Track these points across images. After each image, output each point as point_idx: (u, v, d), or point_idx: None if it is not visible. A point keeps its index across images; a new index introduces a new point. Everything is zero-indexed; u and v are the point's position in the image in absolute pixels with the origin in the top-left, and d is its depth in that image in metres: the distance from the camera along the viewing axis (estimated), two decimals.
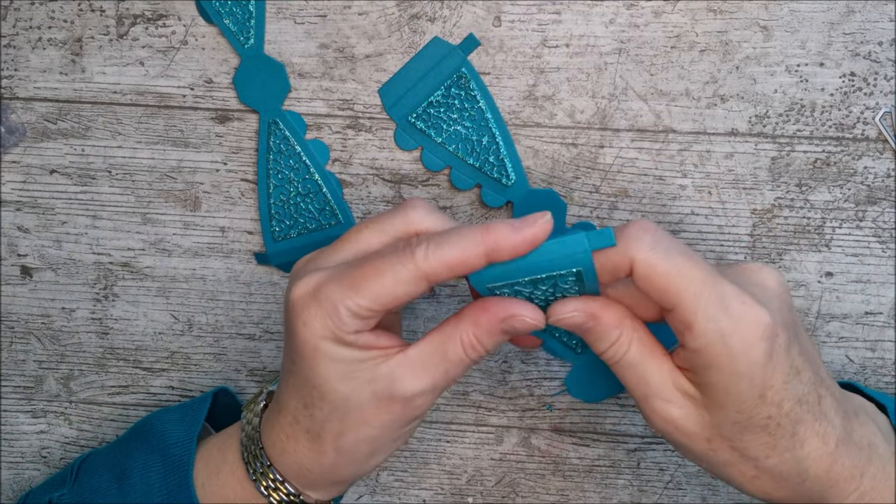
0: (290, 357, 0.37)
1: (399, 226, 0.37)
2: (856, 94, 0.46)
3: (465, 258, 0.34)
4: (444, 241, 0.34)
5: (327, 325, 0.35)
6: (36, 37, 0.47)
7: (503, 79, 0.46)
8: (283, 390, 0.38)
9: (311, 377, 0.36)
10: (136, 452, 0.43)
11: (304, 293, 0.36)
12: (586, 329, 0.36)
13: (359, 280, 0.34)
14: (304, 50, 0.47)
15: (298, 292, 0.36)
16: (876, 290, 0.47)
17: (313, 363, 0.36)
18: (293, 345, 0.36)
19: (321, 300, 0.35)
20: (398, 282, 0.34)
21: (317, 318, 0.35)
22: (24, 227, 0.49)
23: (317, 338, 0.35)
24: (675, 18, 0.46)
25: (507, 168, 0.46)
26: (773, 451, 0.35)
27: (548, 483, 0.50)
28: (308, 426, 0.37)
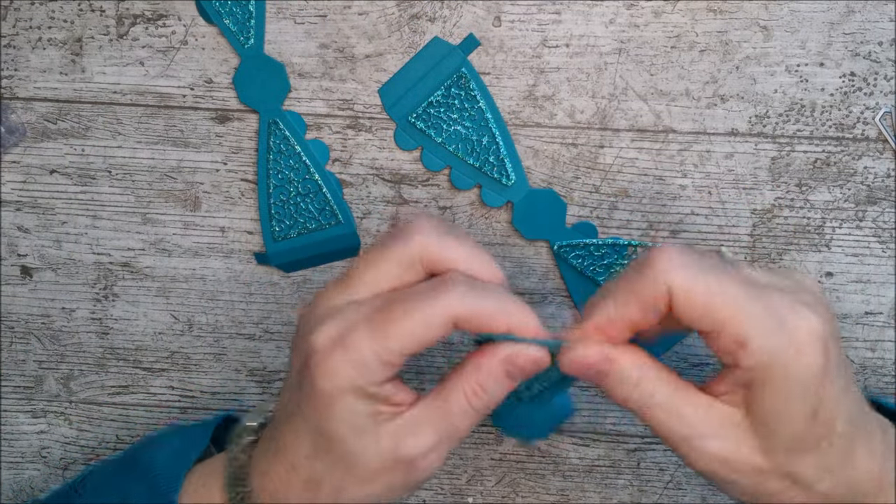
0: (300, 401, 0.35)
1: (414, 252, 0.34)
2: (856, 94, 0.46)
3: (494, 317, 0.33)
4: (483, 294, 0.33)
5: (352, 376, 0.33)
6: (36, 37, 0.47)
7: (503, 79, 0.46)
8: (285, 432, 0.36)
9: (322, 427, 0.34)
10: (129, 480, 0.41)
11: (327, 340, 0.33)
12: (603, 373, 0.34)
13: (388, 324, 0.32)
14: (304, 50, 0.47)
15: (321, 339, 0.33)
16: (876, 290, 0.47)
17: (328, 414, 0.33)
18: (308, 392, 0.34)
19: (348, 348, 0.33)
20: (429, 325, 0.32)
21: (342, 368, 0.33)
22: (24, 227, 0.49)
23: (338, 390, 0.33)
24: (675, 18, 0.46)
25: (507, 168, 0.46)
26: (827, 473, 0.34)
27: (548, 483, 0.50)
28: (308, 476, 0.35)
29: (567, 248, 0.47)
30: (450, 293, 0.32)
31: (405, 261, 0.34)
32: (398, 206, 0.48)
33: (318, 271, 0.49)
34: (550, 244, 0.47)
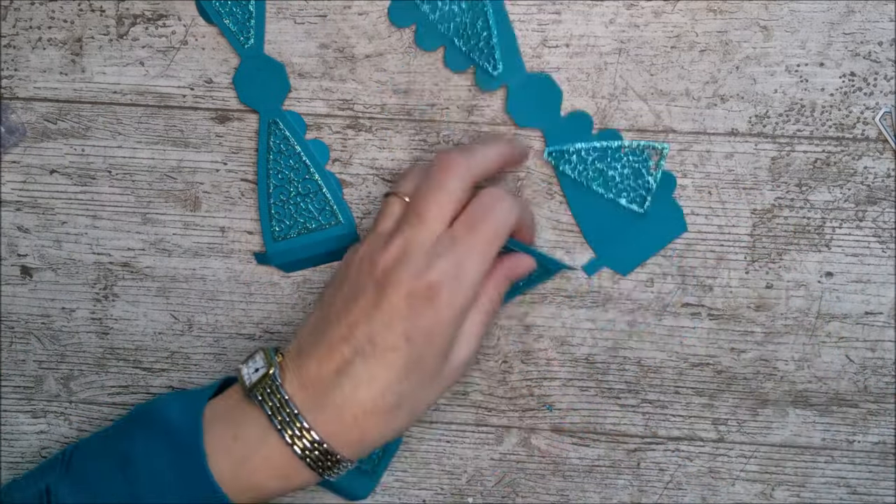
0: (396, 334, 0.39)
1: (465, 186, 0.42)
2: (856, 94, 0.46)
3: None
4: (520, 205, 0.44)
5: (468, 300, 0.41)
6: (36, 37, 0.47)
7: None
8: (372, 367, 0.40)
9: (426, 351, 0.40)
10: (137, 438, 0.42)
11: (445, 275, 0.40)
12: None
13: (489, 251, 0.42)
14: (304, 50, 0.47)
15: (438, 275, 0.40)
16: (876, 290, 0.47)
17: (443, 337, 0.40)
18: (419, 323, 0.39)
19: (463, 280, 0.41)
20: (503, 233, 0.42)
21: (461, 296, 0.40)
22: (24, 227, 0.49)
23: (455, 316, 0.40)
24: (675, 18, 0.46)
25: (496, 56, 0.45)
26: None
27: (548, 483, 0.50)
28: (394, 402, 0.40)
29: (558, 153, 0.46)
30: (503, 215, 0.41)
31: (459, 196, 0.41)
32: None
33: (318, 271, 0.49)
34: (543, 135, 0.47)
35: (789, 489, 0.49)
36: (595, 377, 0.49)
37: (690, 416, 0.49)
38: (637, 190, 0.46)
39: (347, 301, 0.41)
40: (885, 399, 0.48)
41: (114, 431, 0.43)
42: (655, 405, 0.49)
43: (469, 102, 0.47)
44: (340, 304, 0.41)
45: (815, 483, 0.49)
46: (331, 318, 0.41)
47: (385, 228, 0.42)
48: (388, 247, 0.40)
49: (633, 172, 0.46)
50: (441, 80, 0.47)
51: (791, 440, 0.49)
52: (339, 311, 0.41)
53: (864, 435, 0.49)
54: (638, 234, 0.47)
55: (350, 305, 0.40)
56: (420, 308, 0.39)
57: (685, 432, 0.49)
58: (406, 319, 0.39)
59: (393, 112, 0.47)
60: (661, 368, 0.49)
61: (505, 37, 0.46)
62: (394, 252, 0.40)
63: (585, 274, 0.48)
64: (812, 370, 0.48)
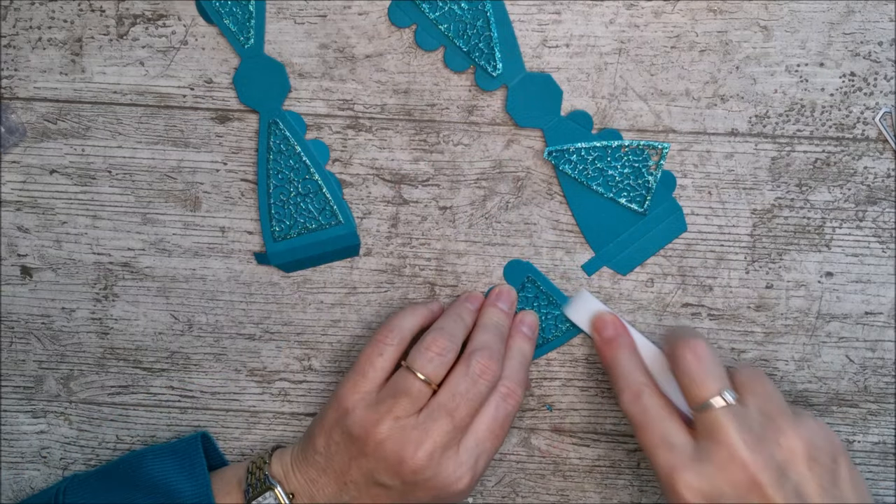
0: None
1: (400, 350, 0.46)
2: (856, 94, 0.46)
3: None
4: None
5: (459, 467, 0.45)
6: (36, 37, 0.47)
7: None
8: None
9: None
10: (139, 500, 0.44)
11: (431, 457, 0.43)
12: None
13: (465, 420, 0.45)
14: (304, 50, 0.47)
15: (425, 457, 0.43)
16: (876, 290, 0.47)
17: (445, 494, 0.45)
18: (420, 491, 0.44)
19: (452, 454, 0.44)
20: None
21: (453, 469, 0.44)
22: (24, 227, 0.49)
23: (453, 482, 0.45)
24: (675, 18, 0.46)
25: (496, 57, 0.45)
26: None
27: (548, 483, 0.50)
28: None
29: (557, 153, 0.46)
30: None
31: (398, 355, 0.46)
32: (398, 207, 0.48)
33: (318, 271, 0.49)
34: (544, 135, 0.47)
35: None
36: (595, 377, 0.49)
37: None
38: (637, 189, 0.46)
39: (369, 481, 0.44)
40: (885, 399, 0.48)
41: (109, 482, 0.46)
42: None
43: (469, 102, 0.47)
44: (358, 478, 0.44)
45: None
46: (350, 485, 0.44)
47: (405, 412, 0.44)
48: (420, 448, 0.43)
49: (633, 172, 0.46)
50: (441, 80, 0.47)
51: None
52: (361, 484, 0.44)
53: (864, 435, 0.49)
54: (638, 234, 0.47)
55: (371, 488, 0.44)
56: (445, 499, 0.44)
57: None
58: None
59: (393, 112, 0.47)
60: None
61: (505, 37, 0.46)
62: (424, 456, 0.43)
63: (585, 274, 0.48)
64: (812, 370, 0.48)
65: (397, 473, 0.43)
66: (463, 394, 0.44)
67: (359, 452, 0.43)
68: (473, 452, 0.44)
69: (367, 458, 0.43)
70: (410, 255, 0.48)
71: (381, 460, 0.43)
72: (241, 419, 0.50)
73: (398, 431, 0.43)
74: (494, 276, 0.48)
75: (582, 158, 0.46)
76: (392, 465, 0.43)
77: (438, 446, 0.43)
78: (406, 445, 0.43)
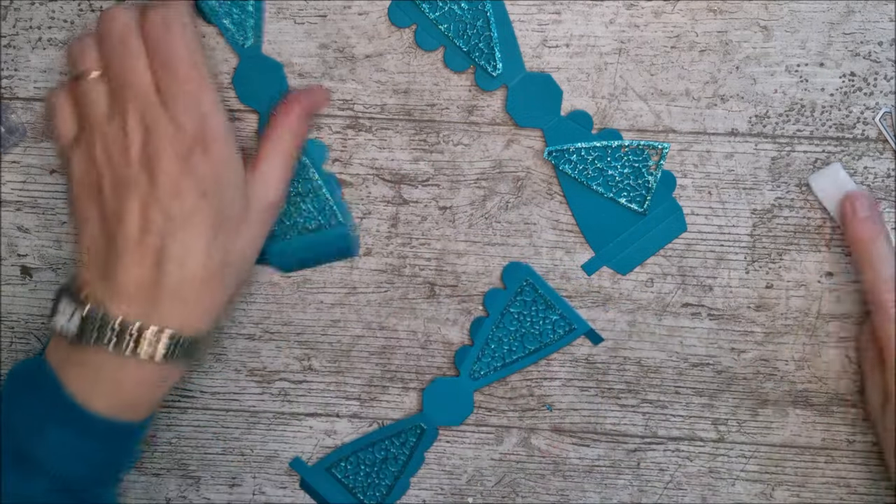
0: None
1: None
2: (856, 94, 0.46)
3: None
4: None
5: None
6: (36, 37, 0.47)
7: None
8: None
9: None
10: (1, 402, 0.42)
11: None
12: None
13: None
14: (304, 50, 0.47)
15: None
16: None
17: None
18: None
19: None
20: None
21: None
22: (24, 227, 0.49)
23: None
24: (675, 18, 0.46)
25: (496, 57, 0.45)
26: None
27: (548, 483, 0.50)
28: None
29: (557, 153, 0.46)
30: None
31: (137, 47, 0.41)
32: (398, 207, 0.48)
33: (318, 271, 0.49)
34: (544, 135, 0.47)
35: (789, 489, 0.49)
36: (595, 377, 0.49)
37: (690, 416, 0.49)
38: (637, 189, 0.46)
39: (118, 201, 0.40)
40: (885, 399, 0.48)
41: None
42: (655, 405, 0.49)
43: (469, 102, 0.47)
44: (112, 207, 0.40)
45: (815, 483, 0.49)
46: (111, 225, 0.40)
47: (96, 120, 0.41)
48: (127, 131, 0.40)
49: (633, 172, 0.46)
50: (441, 80, 0.47)
51: (791, 440, 0.49)
52: (116, 213, 0.40)
53: (864, 435, 0.49)
54: (638, 234, 0.47)
55: (125, 203, 0.40)
56: (194, 161, 0.39)
57: (685, 432, 0.49)
58: (188, 177, 0.39)
59: (393, 112, 0.47)
60: (661, 368, 0.49)
61: (505, 37, 0.46)
62: (138, 131, 0.40)
63: (585, 273, 0.48)
64: (812, 370, 0.48)
65: (126, 165, 0.40)
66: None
67: (92, 191, 0.41)
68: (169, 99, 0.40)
69: (98, 190, 0.41)
70: (410, 255, 0.48)
71: (111, 169, 0.41)
72: (241, 419, 0.50)
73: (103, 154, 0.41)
74: (494, 276, 0.48)
75: (582, 158, 0.46)
76: (118, 165, 0.40)
77: (138, 114, 0.40)
78: (115, 143, 0.41)
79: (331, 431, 0.50)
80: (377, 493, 0.49)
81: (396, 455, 0.49)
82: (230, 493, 0.50)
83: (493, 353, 0.48)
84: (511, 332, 0.48)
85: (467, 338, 0.49)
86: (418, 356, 0.49)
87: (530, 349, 0.48)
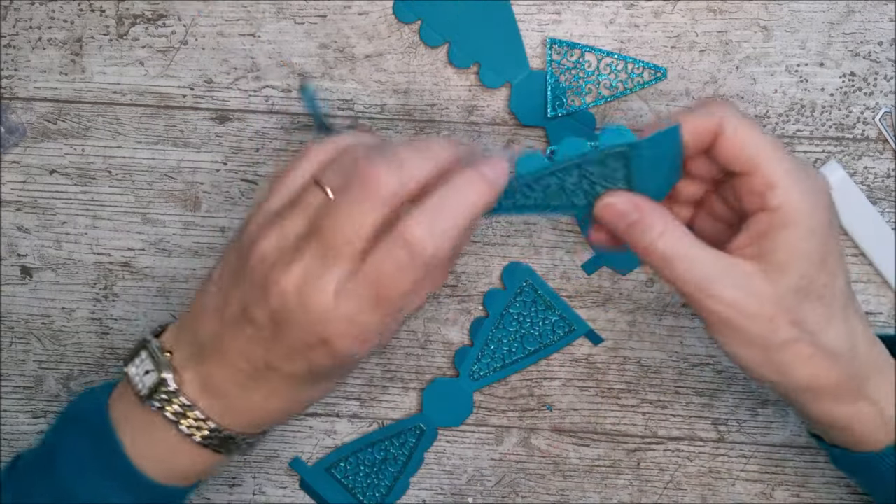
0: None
1: (386, 205, 0.35)
2: (856, 94, 0.46)
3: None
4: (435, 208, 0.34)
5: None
6: (36, 37, 0.47)
7: None
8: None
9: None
10: (57, 434, 0.41)
11: (345, 326, 0.36)
12: (631, 223, 0.37)
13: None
14: (304, 50, 0.47)
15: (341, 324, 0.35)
16: (876, 290, 0.47)
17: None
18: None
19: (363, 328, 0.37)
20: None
21: (356, 345, 0.37)
22: (24, 227, 0.49)
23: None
24: (675, 18, 0.46)
25: (501, 53, 0.45)
26: (829, 323, 0.37)
27: (548, 483, 0.50)
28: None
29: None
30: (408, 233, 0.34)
31: (380, 217, 0.34)
32: None
33: None
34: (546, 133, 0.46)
35: (789, 489, 0.49)
36: (595, 377, 0.49)
37: (690, 416, 0.49)
38: None
39: (243, 315, 0.36)
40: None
41: (46, 433, 0.43)
42: (655, 405, 0.49)
43: (469, 102, 0.47)
44: (237, 310, 0.36)
45: (815, 483, 0.49)
46: (229, 322, 0.37)
47: (294, 227, 0.35)
48: (289, 275, 0.34)
49: None
50: (441, 80, 0.47)
51: (791, 440, 0.49)
52: (237, 320, 0.36)
53: None
54: None
55: (244, 324, 0.36)
56: (320, 354, 0.35)
57: (685, 432, 0.49)
58: (307, 358, 0.36)
59: (393, 112, 0.47)
60: (661, 368, 0.49)
61: (509, 34, 0.46)
62: (294, 289, 0.34)
63: (585, 273, 0.48)
64: None
65: (264, 301, 0.35)
66: (333, 207, 0.34)
67: (240, 275, 0.36)
68: (352, 294, 0.34)
69: (245, 282, 0.36)
70: None
71: (253, 284, 0.35)
72: None
73: (277, 251, 0.35)
74: (494, 276, 0.48)
75: None
76: (259, 289, 0.35)
77: (307, 271, 0.34)
78: (276, 266, 0.35)
79: (331, 431, 0.50)
80: (377, 494, 0.49)
81: (396, 455, 0.49)
82: (230, 493, 0.50)
83: (492, 354, 0.48)
84: (511, 333, 0.48)
85: (467, 338, 0.49)
86: (418, 356, 0.49)
87: (530, 350, 0.48)
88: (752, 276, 0.36)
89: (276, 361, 0.36)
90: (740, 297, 0.36)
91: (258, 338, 0.36)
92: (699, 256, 0.36)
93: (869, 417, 0.39)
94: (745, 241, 0.37)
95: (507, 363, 0.48)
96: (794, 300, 0.36)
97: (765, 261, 0.36)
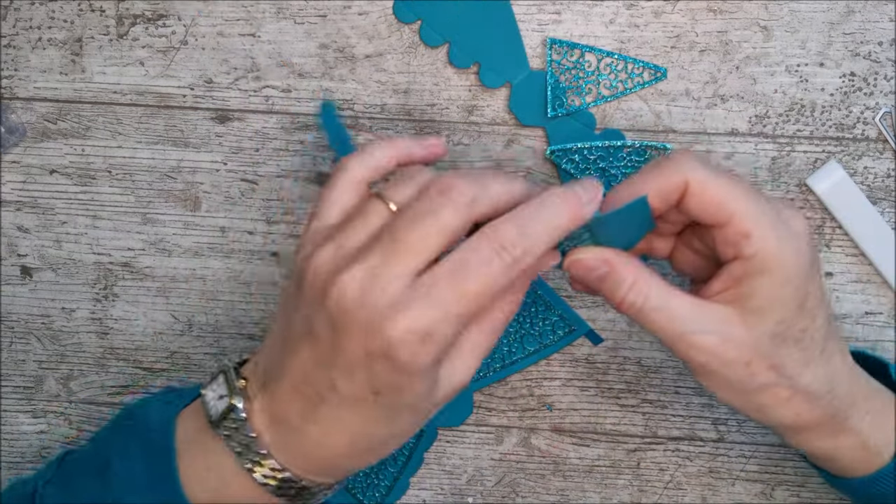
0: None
1: (464, 222, 0.35)
2: (856, 94, 0.46)
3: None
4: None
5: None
6: (36, 37, 0.47)
7: None
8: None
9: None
10: (115, 441, 0.40)
11: (416, 337, 0.34)
12: (601, 277, 0.36)
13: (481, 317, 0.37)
14: (304, 50, 0.47)
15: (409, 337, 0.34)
16: (876, 290, 0.47)
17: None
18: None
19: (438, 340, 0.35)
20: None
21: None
22: (24, 227, 0.49)
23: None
24: (675, 18, 0.46)
25: (501, 53, 0.45)
26: (807, 366, 0.37)
27: (548, 483, 0.50)
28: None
29: (560, 152, 0.46)
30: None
31: (453, 232, 0.34)
32: None
33: None
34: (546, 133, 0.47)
35: (789, 489, 0.49)
36: (595, 377, 0.49)
37: (690, 416, 0.49)
38: None
39: (304, 331, 0.35)
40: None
41: (102, 433, 0.42)
42: (655, 405, 0.49)
43: (469, 102, 0.47)
44: (299, 329, 0.36)
45: (815, 483, 0.49)
46: (291, 343, 0.36)
47: (354, 239, 0.35)
48: (349, 274, 0.33)
49: (635, 172, 0.46)
50: (441, 80, 0.47)
51: None
52: (298, 338, 0.36)
53: None
54: None
55: (304, 340, 0.35)
56: (381, 366, 0.33)
57: (685, 432, 0.49)
58: (368, 371, 0.34)
59: (393, 112, 0.47)
60: (661, 368, 0.49)
61: (509, 34, 0.46)
62: (354, 287, 0.33)
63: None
64: None
65: (322, 308, 0.34)
66: (404, 213, 0.34)
67: (299, 295, 0.35)
68: (421, 287, 0.33)
69: (305, 296, 0.35)
70: None
71: (312, 295, 0.34)
72: None
73: (332, 262, 0.34)
74: None
75: (584, 158, 0.46)
76: (318, 299, 0.34)
77: (370, 270, 0.33)
78: (334, 273, 0.34)
79: None
80: (377, 494, 0.49)
81: (396, 455, 0.49)
82: None
83: (492, 354, 0.48)
84: (511, 333, 0.48)
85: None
86: None
87: (530, 350, 0.48)
88: (729, 321, 0.36)
89: (336, 378, 0.34)
90: (717, 344, 0.36)
91: (318, 354, 0.35)
92: (673, 305, 0.36)
93: (852, 449, 0.39)
94: (722, 285, 0.37)
95: (507, 363, 0.48)
96: (771, 345, 0.36)
97: (741, 306, 0.36)
